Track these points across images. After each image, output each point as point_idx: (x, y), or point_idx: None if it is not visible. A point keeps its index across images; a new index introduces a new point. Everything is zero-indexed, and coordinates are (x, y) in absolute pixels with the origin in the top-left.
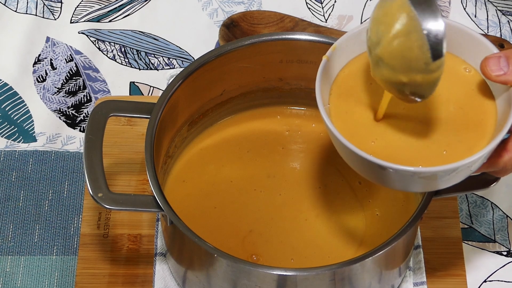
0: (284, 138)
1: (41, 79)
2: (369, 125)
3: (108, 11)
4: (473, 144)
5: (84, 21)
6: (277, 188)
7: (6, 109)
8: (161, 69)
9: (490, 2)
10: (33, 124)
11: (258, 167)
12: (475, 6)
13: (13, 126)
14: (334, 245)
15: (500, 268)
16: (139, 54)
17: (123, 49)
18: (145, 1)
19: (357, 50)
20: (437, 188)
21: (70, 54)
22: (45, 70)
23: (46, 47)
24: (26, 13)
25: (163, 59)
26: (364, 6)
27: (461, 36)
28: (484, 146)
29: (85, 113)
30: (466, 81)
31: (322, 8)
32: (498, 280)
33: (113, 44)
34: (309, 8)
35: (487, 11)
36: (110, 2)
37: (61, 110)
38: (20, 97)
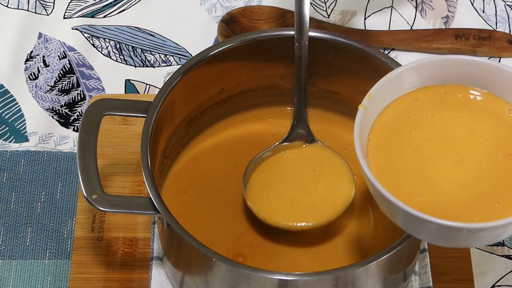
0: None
1: (33, 77)
2: (413, 178)
3: (103, 6)
4: None
5: (78, 16)
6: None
7: None
8: (157, 67)
9: None
10: (25, 124)
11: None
12: (483, 1)
13: (4, 126)
14: (340, 250)
15: (509, 272)
16: (135, 51)
17: (118, 46)
18: None
19: (393, 95)
20: (485, 244)
21: (64, 51)
22: (38, 68)
23: (39, 43)
24: (18, 8)
25: (160, 56)
26: (368, 1)
27: (503, 76)
28: None
29: (79, 112)
30: None
31: (325, 3)
32: (507, 285)
33: (108, 40)
34: (311, 3)
35: (495, 6)
36: None
37: (54, 109)
38: (12, 95)
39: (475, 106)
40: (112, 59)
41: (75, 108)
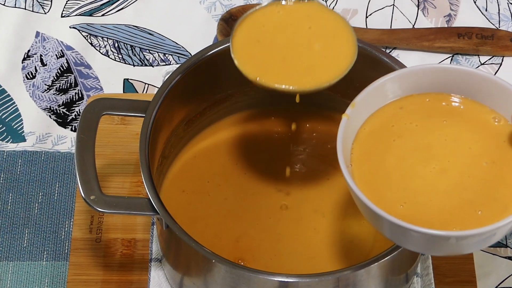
0: (285, 139)
1: (31, 76)
2: (395, 187)
3: (101, 5)
4: (509, 201)
5: (76, 15)
6: (278, 190)
7: None
8: (156, 66)
9: None
10: (22, 123)
11: (258, 168)
12: None
13: (1, 125)
14: (341, 251)
15: None
16: (134, 50)
17: (116, 45)
18: None
19: (377, 104)
20: (471, 251)
21: (61, 50)
22: (35, 67)
23: (36, 42)
24: (15, 7)
25: (159, 55)
26: None
27: (488, 84)
28: None
29: (77, 112)
30: (497, 132)
31: (326, 1)
32: (510, 287)
33: (106, 39)
34: None
35: (498, 5)
36: None
37: (52, 108)
38: (9, 95)
39: (459, 114)
40: (111, 58)
41: (73, 108)
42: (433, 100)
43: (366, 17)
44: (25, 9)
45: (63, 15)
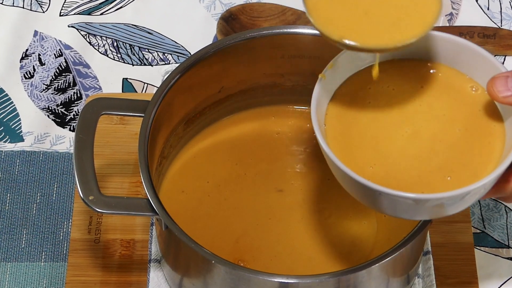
0: (286, 139)
1: (29, 75)
2: (367, 149)
3: (100, 4)
4: (479, 169)
5: (74, 14)
6: (278, 190)
7: None
8: (155, 65)
9: None
10: (20, 123)
11: (257, 169)
12: None
13: None
14: (342, 251)
15: None
16: (133, 49)
17: (115, 44)
18: None
19: (356, 67)
20: (440, 216)
21: (60, 49)
22: (33, 66)
23: (34, 41)
24: (13, 6)
25: (158, 54)
26: None
27: (468, 53)
28: (491, 171)
29: (75, 111)
30: (473, 101)
31: None
32: None
33: (104, 38)
34: None
35: (500, 4)
36: None
37: (50, 108)
38: (7, 94)
39: (437, 81)
40: (109, 58)
41: (72, 108)
42: (413, 66)
43: None
44: (23, 8)
45: (61, 14)
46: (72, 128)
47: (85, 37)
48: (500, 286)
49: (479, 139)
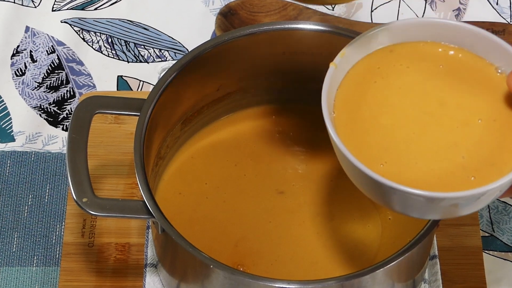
0: (287, 139)
1: (20, 73)
2: (378, 139)
3: None
4: (505, 166)
5: (67, 9)
6: (279, 192)
7: None
8: (151, 62)
9: None
10: (11, 122)
11: (257, 170)
12: None
13: None
14: (345, 256)
15: None
16: (128, 46)
17: (110, 40)
18: None
19: (365, 51)
20: (456, 216)
21: (52, 45)
22: (24, 63)
23: (26, 37)
24: (4, 0)
25: (154, 51)
26: None
27: (488, 43)
28: None
29: (68, 110)
30: (499, 85)
31: None
32: None
33: (99, 34)
34: None
35: None
36: None
37: (42, 106)
38: None
39: (458, 61)
40: (104, 54)
41: (64, 106)
42: (429, 45)
43: (371, 11)
44: (14, 2)
45: (54, 9)
46: (65, 128)
47: (78, 33)
48: None
49: (508, 131)
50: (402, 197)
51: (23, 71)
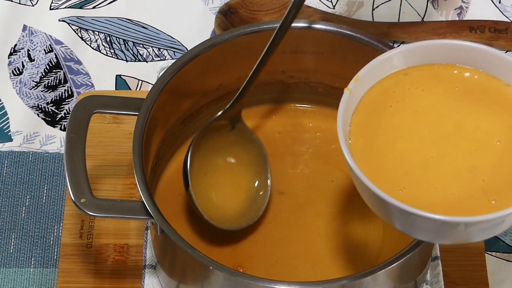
0: (287, 139)
1: (17, 72)
2: (395, 164)
3: None
4: None
5: (65, 7)
6: (280, 192)
7: None
8: (150, 61)
9: None
10: (8, 122)
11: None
12: None
13: None
14: (346, 257)
15: None
16: (126, 44)
17: (108, 39)
18: None
19: (379, 75)
20: (473, 241)
21: (50, 44)
22: (22, 62)
23: (23, 36)
24: None
25: (153, 50)
26: None
27: (503, 63)
28: None
29: (66, 110)
30: None
31: None
32: None
33: (97, 33)
34: None
35: None
36: None
37: (40, 106)
38: None
39: (474, 83)
40: (102, 53)
41: (62, 106)
42: (443, 67)
43: (373, 9)
44: (11, 1)
45: (51, 7)
46: (63, 128)
47: (76, 31)
48: None
49: None
50: (423, 223)
51: (21, 70)
